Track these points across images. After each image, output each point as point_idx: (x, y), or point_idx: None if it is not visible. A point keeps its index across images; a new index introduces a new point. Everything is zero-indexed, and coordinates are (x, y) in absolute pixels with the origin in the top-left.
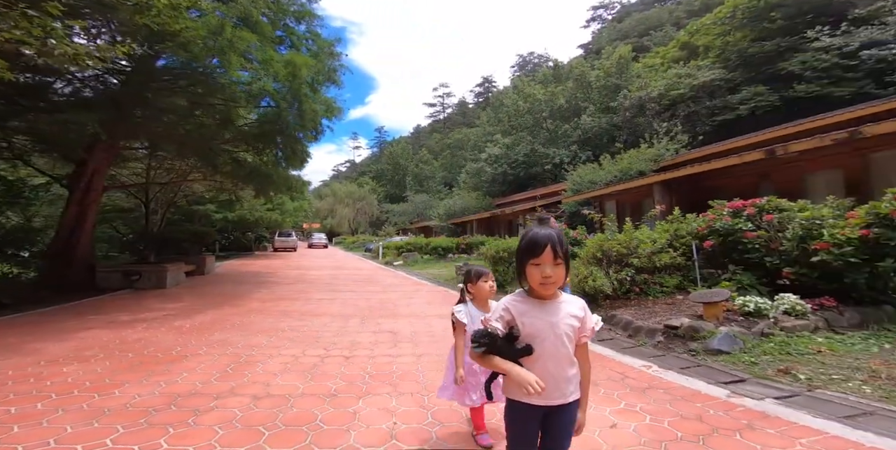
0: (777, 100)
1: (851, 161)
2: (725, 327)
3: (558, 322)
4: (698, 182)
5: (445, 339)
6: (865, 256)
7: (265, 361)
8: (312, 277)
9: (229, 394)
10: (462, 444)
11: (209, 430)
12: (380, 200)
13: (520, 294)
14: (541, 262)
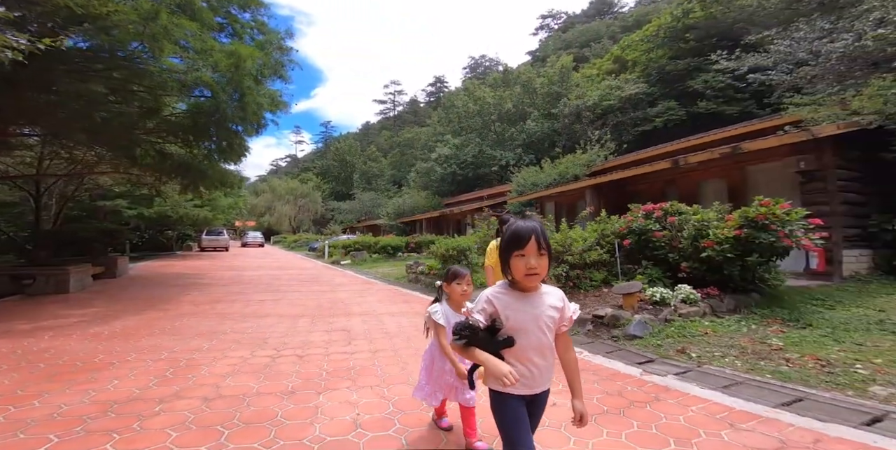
0: (684, 115)
1: (733, 172)
2: (639, 315)
3: (540, 314)
4: (622, 186)
5: (400, 335)
6: (738, 252)
7: (210, 363)
8: (250, 277)
9: (175, 398)
10: (429, 434)
11: (161, 433)
12: (325, 197)
13: (503, 286)
14: (525, 253)
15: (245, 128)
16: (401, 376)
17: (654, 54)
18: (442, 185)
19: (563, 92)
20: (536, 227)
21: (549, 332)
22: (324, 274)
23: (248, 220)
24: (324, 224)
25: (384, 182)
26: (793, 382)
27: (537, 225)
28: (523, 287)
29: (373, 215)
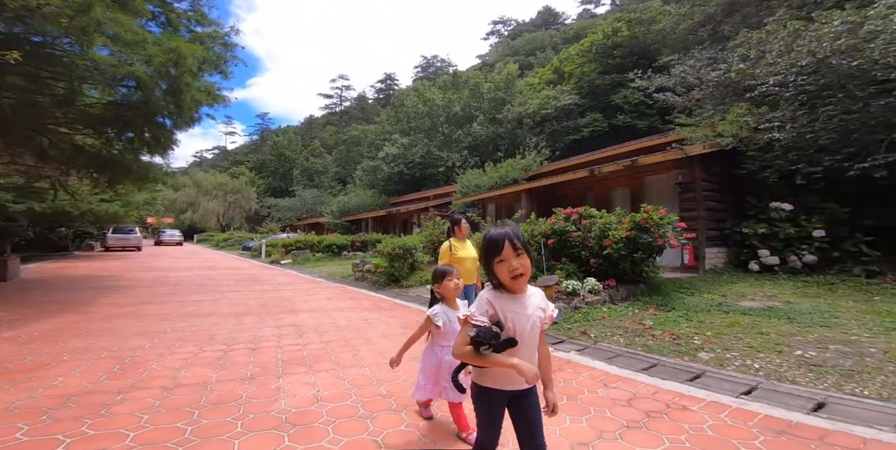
0: (607, 126)
1: (635, 181)
2: (554, 304)
3: (532, 315)
4: (551, 191)
5: (349, 328)
6: (629, 250)
7: (158, 360)
8: (178, 278)
9: (132, 389)
10: (383, 404)
11: (131, 416)
12: (260, 193)
13: (494, 289)
14: (504, 257)
15: (175, 122)
16: (353, 361)
17: (586, 68)
18: (389, 184)
19: (507, 98)
20: (508, 231)
21: (537, 330)
22: (264, 274)
23: (165, 216)
24: (259, 222)
25: (328, 179)
26: (653, 352)
27: (509, 229)
28: (512, 289)
29: (315, 213)
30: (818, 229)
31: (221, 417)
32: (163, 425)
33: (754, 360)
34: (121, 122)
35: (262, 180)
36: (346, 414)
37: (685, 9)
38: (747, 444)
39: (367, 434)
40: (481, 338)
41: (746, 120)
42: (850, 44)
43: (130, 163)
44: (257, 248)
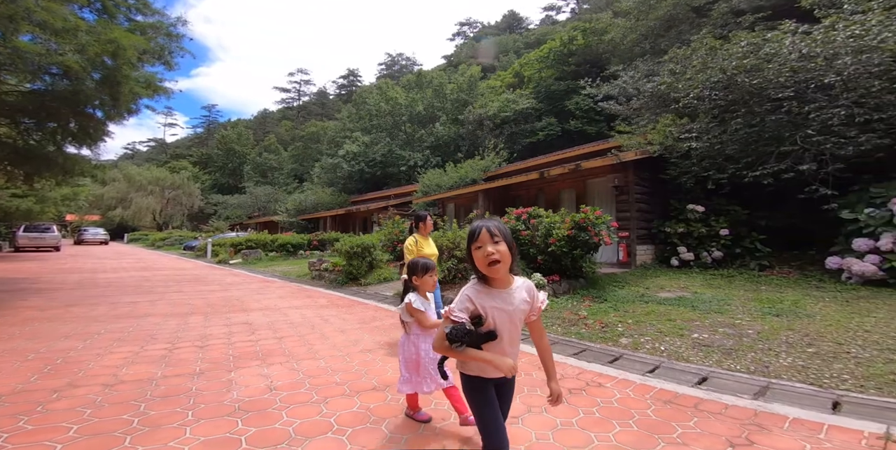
0: (560, 131)
1: (580, 184)
2: None
3: (514, 310)
4: (507, 191)
5: (304, 325)
6: (570, 247)
7: (94, 359)
8: (108, 280)
9: (69, 387)
10: (337, 391)
11: (71, 412)
12: (205, 189)
13: (476, 283)
14: (480, 243)
15: (108, 113)
16: (308, 355)
17: (544, 73)
18: (349, 182)
19: (469, 100)
20: (487, 223)
21: (520, 323)
22: (210, 274)
23: (89, 214)
24: (204, 220)
25: (283, 176)
26: (584, 339)
27: (490, 222)
28: (493, 282)
29: (268, 211)
30: (723, 229)
31: (170, 408)
32: (107, 417)
33: (661, 343)
34: (43, 111)
35: (207, 176)
36: (299, 400)
37: (631, 22)
38: (641, 412)
39: (321, 416)
40: (453, 336)
41: (671, 130)
42: (752, 63)
43: (55, 155)
44: (202, 247)
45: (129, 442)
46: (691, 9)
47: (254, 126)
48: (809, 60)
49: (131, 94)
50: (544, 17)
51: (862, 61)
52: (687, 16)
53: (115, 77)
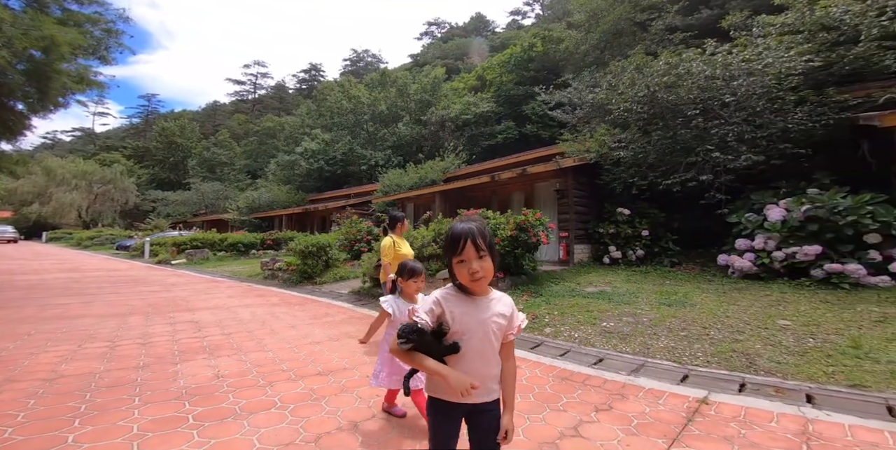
0: (517, 134)
1: (527, 187)
2: None
3: (486, 320)
4: (462, 193)
5: (254, 321)
6: (512, 246)
7: (28, 358)
8: (28, 282)
9: (7, 382)
10: (282, 376)
11: (15, 402)
12: (141, 185)
13: (452, 288)
14: (464, 258)
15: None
16: (257, 348)
17: (505, 78)
18: (307, 180)
19: (433, 101)
20: (472, 228)
21: (496, 340)
22: (150, 275)
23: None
24: (140, 217)
25: (234, 172)
26: None
27: (473, 226)
28: (471, 291)
29: (217, 209)
30: (645, 230)
31: (116, 396)
32: (53, 405)
33: (577, 331)
34: None
35: (144, 170)
36: (246, 385)
37: (582, 34)
38: (541, 387)
39: (265, 396)
40: (400, 332)
41: (605, 139)
42: (670, 81)
43: None
44: (138, 247)
45: (79, 423)
46: (634, 24)
47: (202, 118)
48: (713, 81)
49: (62, 88)
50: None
51: (751, 83)
52: (630, 30)
53: (44, 71)
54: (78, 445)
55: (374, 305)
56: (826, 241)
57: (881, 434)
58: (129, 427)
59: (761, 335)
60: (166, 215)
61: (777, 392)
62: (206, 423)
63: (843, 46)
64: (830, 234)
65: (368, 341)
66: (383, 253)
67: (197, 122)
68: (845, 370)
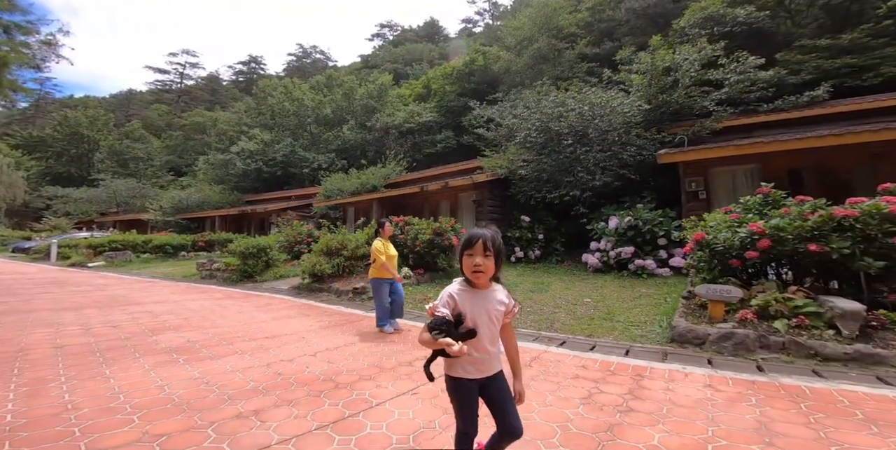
0: (455, 144)
1: (452, 197)
2: None
3: (491, 308)
4: (398, 200)
5: (205, 310)
6: (430, 248)
7: (21, 337)
8: None
9: (22, 350)
10: (239, 339)
11: (47, 358)
12: (31, 178)
13: (461, 284)
14: (473, 252)
15: None
16: (213, 326)
17: (448, 88)
18: (244, 180)
19: (378, 107)
20: (486, 233)
21: (498, 323)
22: (71, 277)
23: None
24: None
25: (154, 168)
26: (422, 312)
27: (488, 232)
28: (475, 284)
29: (132, 208)
30: (541, 234)
31: (120, 353)
32: (78, 359)
33: None
34: None
35: (35, 163)
36: (212, 344)
37: (512, 56)
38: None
39: (229, 350)
40: (433, 325)
41: (513, 158)
42: (558, 113)
43: None
44: (42, 249)
45: (105, 367)
46: (554, 50)
47: (111, 107)
48: (581, 117)
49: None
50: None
51: (605, 121)
52: (551, 55)
53: None
54: (115, 376)
55: (313, 297)
56: (637, 243)
57: (586, 360)
58: (141, 366)
59: (569, 309)
60: (65, 214)
61: (549, 341)
62: (192, 363)
63: (670, 91)
64: (640, 238)
65: None
66: (375, 254)
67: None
68: (592, 327)
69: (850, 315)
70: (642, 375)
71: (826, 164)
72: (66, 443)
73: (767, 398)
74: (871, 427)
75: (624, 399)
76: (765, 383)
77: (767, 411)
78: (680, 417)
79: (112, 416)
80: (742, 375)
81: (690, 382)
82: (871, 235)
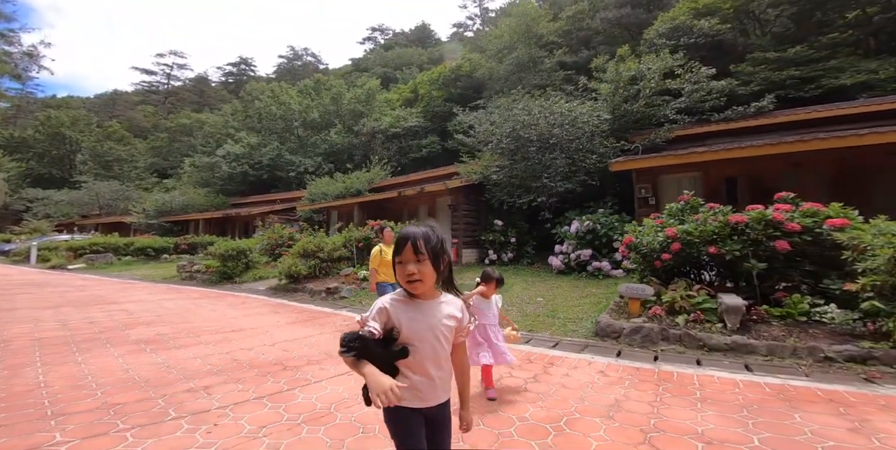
0: (440, 149)
1: (430, 201)
2: (349, 286)
3: (437, 324)
4: (379, 204)
5: (179, 309)
6: None
7: (1, 331)
8: None
9: (5, 341)
10: (206, 332)
11: (26, 349)
12: (11, 180)
13: (401, 293)
14: (403, 259)
15: None
16: (185, 321)
17: (435, 93)
18: (229, 184)
19: (365, 112)
20: (416, 232)
21: (446, 342)
22: (51, 279)
23: None
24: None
25: (137, 170)
26: None
27: (420, 230)
28: (413, 293)
29: (115, 210)
30: (513, 237)
31: (93, 345)
32: (54, 349)
33: None
34: None
35: (15, 164)
36: (180, 337)
37: (494, 64)
38: None
39: (197, 341)
40: (342, 340)
41: (486, 164)
42: (528, 121)
43: None
44: (22, 252)
45: (78, 355)
46: (532, 59)
47: (96, 108)
48: (547, 125)
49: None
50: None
51: (567, 131)
52: (530, 64)
53: None
54: (86, 362)
55: (288, 296)
56: (595, 246)
57: (515, 351)
58: (111, 354)
59: (521, 307)
60: (45, 216)
61: None
62: (158, 352)
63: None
64: (597, 241)
65: None
66: (371, 259)
67: (91, 111)
68: (535, 323)
69: (732, 310)
70: (553, 363)
71: (756, 172)
72: (36, 411)
73: (640, 382)
74: (697, 404)
75: (525, 382)
76: (647, 369)
77: (630, 393)
78: (559, 397)
79: (79, 392)
80: (636, 363)
81: (590, 369)
82: (758, 239)
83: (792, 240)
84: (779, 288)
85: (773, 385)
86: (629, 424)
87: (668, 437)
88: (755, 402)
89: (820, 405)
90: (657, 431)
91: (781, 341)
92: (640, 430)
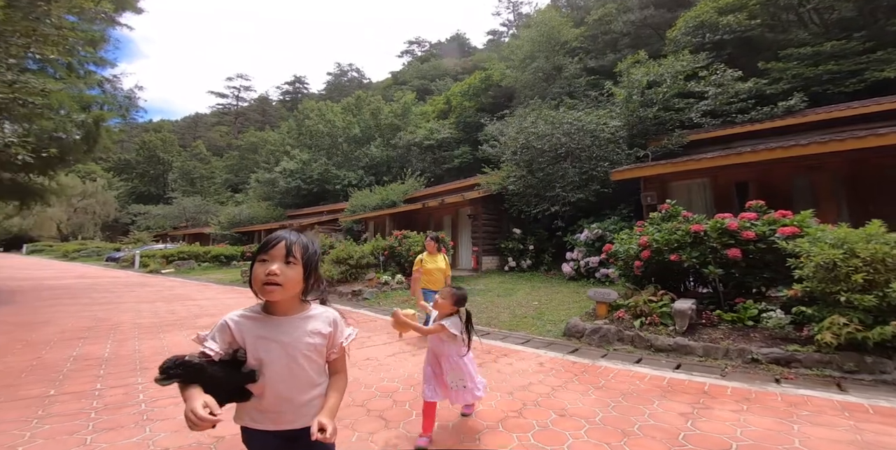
0: (472, 158)
1: (453, 212)
2: (371, 289)
3: (293, 342)
4: (408, 215)
5: (238, 305)
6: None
7: (122, 315)
8: (56, 285)
9: (134, 318)
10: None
11: (153, 325)
12: (120, 197)
13: (252, 310)
14: (269, 257)
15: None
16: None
17: (467, 104)
18: (286, 197)
19: (402, 125)
20: (293, 237)
21: (307, 361)
22: (149, 281)
23: None
24: (119, 230)
25: (215, 186)
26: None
27: (298, 237)
28: (271, 306)
29: (198, 223)
30: (532, 245)
31: (172, 328)
32: (146, 329)
33: None
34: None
35: (123, 183)
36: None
37: (518, 74)
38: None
39: None
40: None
41: (505, 175)
42: (542, 132)
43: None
44: (128, 258)
45: (162, 336)
46: (554, 67)
47: (182, 130)
48: (557, 136)
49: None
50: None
51: (574, 139)
52: (552, 72)
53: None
54: (165, 339)
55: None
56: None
57: (486, 346)
58: (183, 334)
59: (514, 310)
60: (146, 228)
61: (475, 333)
62: None
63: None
64: None
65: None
66: (414, 266)
67: (177, 133)
68: (520, 324)
69: (678, 313)
70: (507, 355)
71: (767, 176)
72: (133, 365)
73: (563, 372)
74: (590, 390)
75: None
76: (583, 364)
77: (547, 379)
78: (497, 380)
79: (159, 356)
80: (580, 359)
81: (532, 361)
82: (715, 247)
83: (747, 248)
84: (741, 293)
85: (675, 380)
86: (520, 399)
87: (539, 409)
88: (638, 391)
89: (688, 396)
90: (535, 405)
91: (717, 343)
92: (523, 403)
